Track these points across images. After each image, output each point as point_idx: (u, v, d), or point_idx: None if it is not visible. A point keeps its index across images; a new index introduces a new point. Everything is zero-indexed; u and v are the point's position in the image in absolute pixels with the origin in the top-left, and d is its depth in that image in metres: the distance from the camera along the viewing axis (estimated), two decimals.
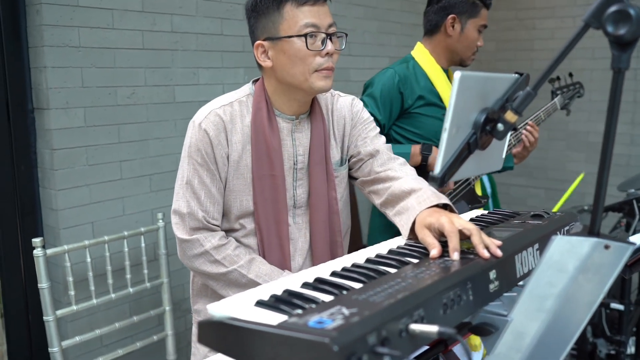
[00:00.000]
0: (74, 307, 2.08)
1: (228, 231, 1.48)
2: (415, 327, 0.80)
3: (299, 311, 0.83)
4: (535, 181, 4.55)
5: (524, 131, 2.24)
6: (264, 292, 0.94)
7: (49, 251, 1.99)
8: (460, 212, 1.55)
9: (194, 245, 1.42)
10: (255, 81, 1.51)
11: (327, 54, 1.39)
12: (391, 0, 3.73)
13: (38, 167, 2.28)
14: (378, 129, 1.63)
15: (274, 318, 0.82)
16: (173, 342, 2.40)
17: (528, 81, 1.12)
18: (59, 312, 2.03)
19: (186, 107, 2.62)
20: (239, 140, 1.43)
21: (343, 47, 1.45)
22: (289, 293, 0.92)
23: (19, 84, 2.21)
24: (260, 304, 0.89)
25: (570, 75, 2.77)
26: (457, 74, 0.96)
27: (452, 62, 2.14)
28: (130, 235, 2.24)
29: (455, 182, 2.11)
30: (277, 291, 0.94)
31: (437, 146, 2.05)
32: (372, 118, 1.63)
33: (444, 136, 0.98)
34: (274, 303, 0.88)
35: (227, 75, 2.77)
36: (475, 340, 1.87)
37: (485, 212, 1.53)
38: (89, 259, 2.11)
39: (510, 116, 1.02)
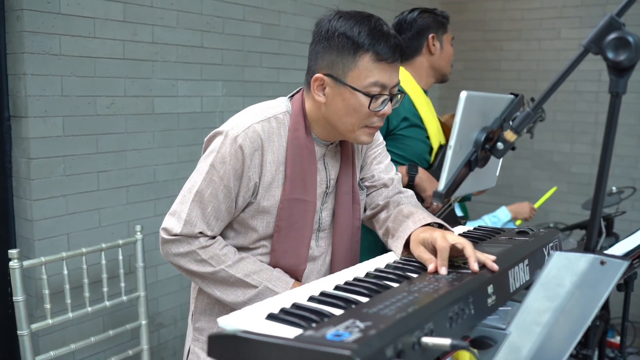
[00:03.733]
0: (50, 321, 2.02)
1: (241, 249, 1.41)
2: (428, 340, 0.82)
3: (313, 324, 0.84)
4: (501, 198, 4.66)
5: None
6: (273, 305, 0.94)
7: (26, 263, 1.93)
8: None
9: (181, 244, 1.34)
10: (291, 96, 1.44)
11: (383, 114, 1.34)
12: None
13: (13, 177, 2.22)
14: (389, 155, 1.62)
15: (287, 331, 0.82)
16: (148, 356, 2.35)
17: (523, 102, 1.16)
18: (34, 326, 1.97)
19: (164, 119, 2.60)
20: (273, 161, 1.35)
21: (398, 105, 1.39)
22: (297, 306, 0.93)
23: None
24: (271, 317, 0.89)
25: (532, 99, 2.84)
26: (463, 94, 1.00)
27: (434, 80, 2.20)
28: (108, 248, 2.20)
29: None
30: (286, 304, 0.94)
31: (422, 167, 2.08)
32: (384, 142, 1.62)
33: (449, 153, 1.01)
34: (285, 316, 0.88)
35: (206, 87, 2.77)
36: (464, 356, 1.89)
37: (471, 228, 1.56)
38: (65, 271, 2.06)
39: (510, 136, 1.05)
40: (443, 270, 1.10)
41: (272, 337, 0.80)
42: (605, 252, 1.70)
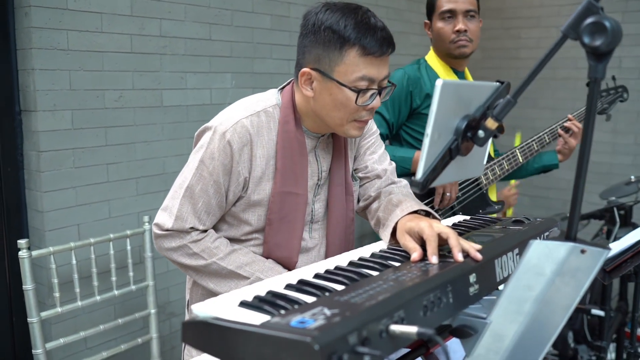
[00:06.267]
0: (59, 309, 2.08)
1: (233, 240, 1.43)
2: (395, 327, 0.82)
3: (282, 311, 0.85)
4: (520, 188, 4.60)
5: (566, 124, 2.27)
6: (248, 292, 0.95)
7: (34, 253, 1.98)
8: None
9: (172, 239, 1.36)
10: (281, 88, 1.44)
11: (372, 108, 1.33)
12: (407, 1, 3.86)
13: (24, 169, 2.28)
14: (384, 144, 1.61)
15: (257, 318, 0.83)
16: (157, 344, 2.40)
17: (509, 89, 1.14)
18: (44, 314, 2.02)
19: (173, 111, 2.63)
20: (263, 155, 1.35)
21: (387, 98, 1.38)
22: (272, 294, 0.94)
23: (6, 86, 2.21)
24: (243, 304, 0.90)
25: (613, 78, 2.67)
26: (439, 82, 0.99)
27: (448, 60, 2.17)
28: (116, 238, 2.24)
29: (463, 188, 2.13)
30: (261, 292, 0.95)
31: None
32: (378, 130, 1.61)
33: (426, 141, 1.00)
34: (258, 303, 0.89)
35: (214, 80, 2.79)
36: None
37: (468, 217, 1.55)
38: (74, 261, 2.11)
39: (490, 123, 1.04)
40: (434, 259, 1.10)
41: (240, 323, 0.81)
42: (616, 242, 1.68)
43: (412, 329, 0.81)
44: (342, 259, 1.17)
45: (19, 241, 1.94)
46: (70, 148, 2.27)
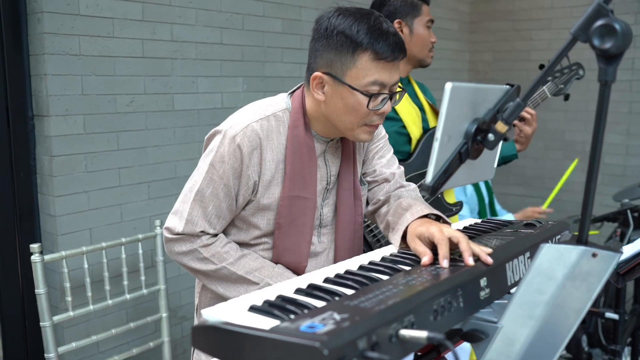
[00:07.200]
0: (71, 313, 2.09)
1: (242, 244, 1.43)
2: (405, 332, 0.82)
3: (292, 316, 0.85)
4: (533, 190, 4.58)
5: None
6: (258, 297, 0.96)
7: (47, 257, 2.00)
8: None
9: (183, 243, 1.37)
10: (291, 93, 1.44)
11: (383, 112, 1.34)
12: None
13: (37, 174, 2.30)
14: (392, 149, 1.61)
15: (267, 323, 0.83)
16: (169, 348, 2.41)
17: (519, 92, 1.14)
18: (56, 318, 2.04)
19: (185, 115, 2.65)
20: (273, 159, 1.35)
21: (398, 103, 1.39)
22: (282, 299, 0.94)
23: (19, 91, 2.23)
24: (253, 309, 0.90)
25: (567, 57, 2.66)
26: (448, 85, 0.99)
27: (410, 66, 2.12)
28: (128, 242, 2.25)
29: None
30: (271, 297, 0.96)
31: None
32: (387, 134, 1.61)
33: (435, 145, 1.00)
34: (267, 308, 0.90)
35: (226, 84, 2.80)
36: None
37: (479, 220, 1.55)
38: (86, 265, 2.12)
39: (500, 127, 1.04)
40: (445, 263, 1.10)
41: (249, 328, 0.81)
42: (630, 244, 1.66)
43: (422, 334, 0.80)
44: (353, 263, 1.17)
45: (31, 245, 1.95)
46: (82, 152, 2.29)
